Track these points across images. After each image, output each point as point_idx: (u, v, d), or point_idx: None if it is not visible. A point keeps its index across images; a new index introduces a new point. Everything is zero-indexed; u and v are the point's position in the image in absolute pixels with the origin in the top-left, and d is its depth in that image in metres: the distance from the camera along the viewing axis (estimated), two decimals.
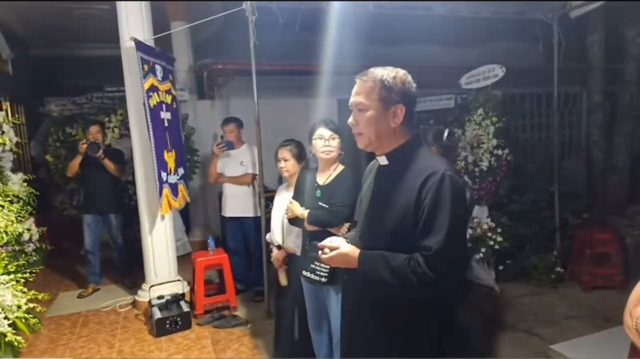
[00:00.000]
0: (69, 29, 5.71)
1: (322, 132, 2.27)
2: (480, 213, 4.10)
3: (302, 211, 2.30)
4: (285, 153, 2.62)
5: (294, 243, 2.53)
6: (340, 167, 2.33)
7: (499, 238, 3.92)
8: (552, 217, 4.36)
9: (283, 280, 2.67)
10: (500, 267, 4.14)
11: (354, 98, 1.41)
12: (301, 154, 2.64)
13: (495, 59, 4.16)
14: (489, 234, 3.94)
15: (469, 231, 3.96)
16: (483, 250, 3.97)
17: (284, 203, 2.59)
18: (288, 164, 2.62)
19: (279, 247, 2.67)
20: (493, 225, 3.98)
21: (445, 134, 2.81)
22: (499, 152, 3.92)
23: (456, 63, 5.47)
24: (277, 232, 2.66)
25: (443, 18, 3.93)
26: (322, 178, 2.33)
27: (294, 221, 2.39)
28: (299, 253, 2.48)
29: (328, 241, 1.47)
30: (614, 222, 4.55)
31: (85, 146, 3.97)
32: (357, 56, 4.20)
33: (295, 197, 2.43)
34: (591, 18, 5.21)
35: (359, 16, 3.69)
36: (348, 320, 1.60)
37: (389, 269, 1.31)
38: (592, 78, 6.01)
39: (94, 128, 4.14)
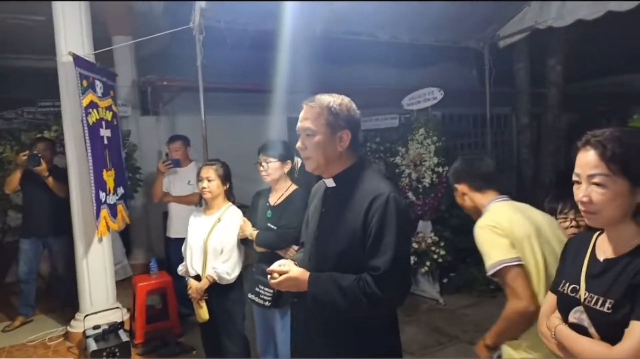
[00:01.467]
0: None
1: (260, 156, 2.30)
2: (424, 227, 4.28)
3: (251, 232, 2.27)
4: (209, 172, 2.43)
5: (219, 271, 2.35)
6: (293, 187, 2.32)
7: (442, 252, 4.11)
8: None
9: (204, 314, 2.38)
10: (445, 280, 4.33)
11: (301, 124, 1.44)
12: (226, 175, 2.50)
13: (434, 81, 4.43)
14: (433, 248, 4.12)
15: (415, 245, 4.12)
16: (428, 263, 4.13)
17: (202, 228, 2.46)
18: (212, 185, 2.42)
19: (197, 278, 2.43)
20: (437, 239, 4.17)
21: None
22: (440, 169, 4.14)
23: (400, 85, 5.74)
24: (197, 260, 2.43)
25: (386, 44, 4.14)
26: (274, 198, 2.33)
27: (245, 241, 2.35)
28: (222, 282, 2.36)
29: (277, 266, 1.45)
30: None
31: (25, 157, 3.64)
32: (306, 76, 4.28)
33: (248, 216, 2.39)
34: (517, 47, 5.74)
35: (307, 39, 3.79)
36: (298, 342, 1.58)
37: (338, 290, 1.33)
38: (520, 101, 6.59)
39: (41, 145, 3.85)
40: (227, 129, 5.19)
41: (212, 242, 2.39)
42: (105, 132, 3.41)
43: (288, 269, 1.43)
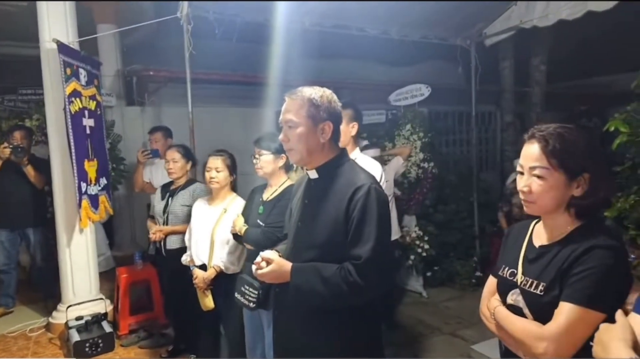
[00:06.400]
0: None
1: (255, 150, 2.26)
2: (409, 222, 4.33)
3: (240, 228, 2.21)
4: (217, 162, 2.43)
5: (226, 261, 2.37)
6: (288, 182, 2.24)
7: (426, 246, 4.17)
8: (472, 226, 4.73)
9: (210, 303, 2.41)
10: (428, 273, 4.40)
11: (284, 116, 1.46)
12: (234, 166, 2.50)
13: (421, 78, 4.47)
14: (417, 242, 4.18)
15: (399, 239, 4.17)
16: (412, 257, 4.19)
17: (208, 219, 2.44)
18: (220, 175, 2.42)
19: (203, 267, 2.43)
20: (421, 233, 4.23)
21: None
22: (425, 165, 4.19)
23: (387, 81, 5.78)
24: (203, 250, 2.43)
25: (375, 39, 4.16)
26: (267, 193, 2.26)
27: (237, 236, 2.28)
28: (229, 272, 2.37)
29: (262, 256, 1.46)
30: None
31: (8, 150, 3.58)
32: (294, 69, 4.28)
33: (243, 211, 2.34)
34: (503, 46, 5.83)
35: (295, 31, 3.78)
36: (280, 332, 1.59)
37: (321, 280, 1.35)
38: (504, 99, 6.71)
39: (18, 134, 3.75)
40: (215, 121, 5.16)
41: (219, 233, 2.38)
42: (88, 122, 3.35)
43: (272, 259, 1.43)
